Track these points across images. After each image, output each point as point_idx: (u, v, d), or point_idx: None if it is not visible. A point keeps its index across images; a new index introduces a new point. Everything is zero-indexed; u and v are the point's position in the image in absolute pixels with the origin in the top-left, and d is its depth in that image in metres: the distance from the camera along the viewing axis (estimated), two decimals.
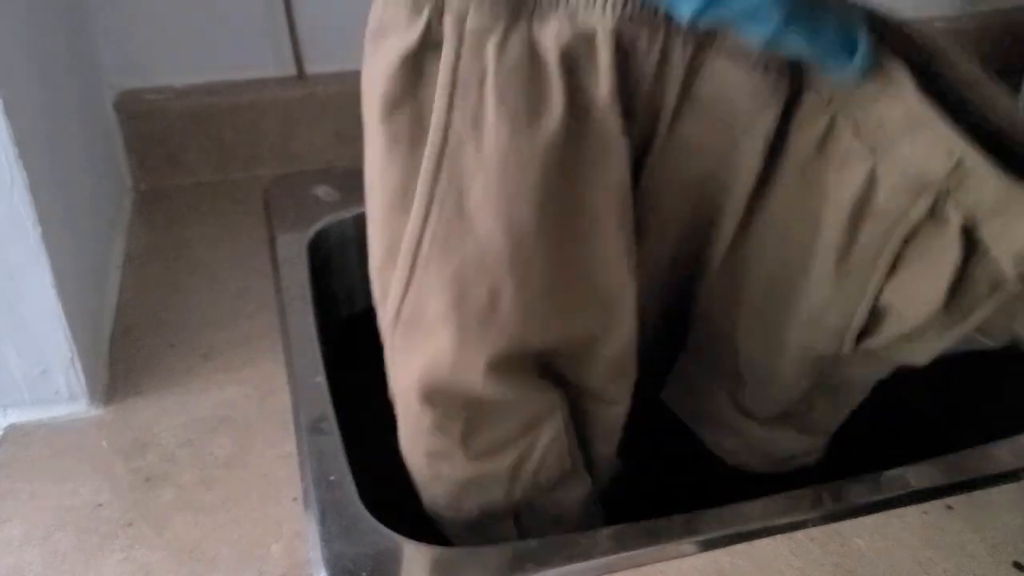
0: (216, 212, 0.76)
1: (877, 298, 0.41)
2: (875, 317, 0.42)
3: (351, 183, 0.79)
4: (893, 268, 0.40)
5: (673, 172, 0.41)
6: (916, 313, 0.41)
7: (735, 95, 0.39)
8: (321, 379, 0.55)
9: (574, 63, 0.36)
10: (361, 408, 0.59)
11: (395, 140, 0.37)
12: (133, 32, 0.77)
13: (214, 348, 0.59)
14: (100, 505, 0.47)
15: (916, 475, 0.48)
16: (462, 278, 0.38)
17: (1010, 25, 0.97)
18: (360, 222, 0.75)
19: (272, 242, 0.70)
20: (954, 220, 0.37)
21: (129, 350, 0.59)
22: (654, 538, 0.44)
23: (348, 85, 0.82)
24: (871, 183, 0.39)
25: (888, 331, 0.42)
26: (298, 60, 0.81)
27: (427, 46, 0.35)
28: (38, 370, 0.52)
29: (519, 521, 0.49)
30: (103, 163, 0.72)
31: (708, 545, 0.43)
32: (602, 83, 0.36)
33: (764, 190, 0.43)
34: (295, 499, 0.47)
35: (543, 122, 0.36)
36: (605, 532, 0.44)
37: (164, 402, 0.54)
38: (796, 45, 0.34)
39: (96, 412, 0.54)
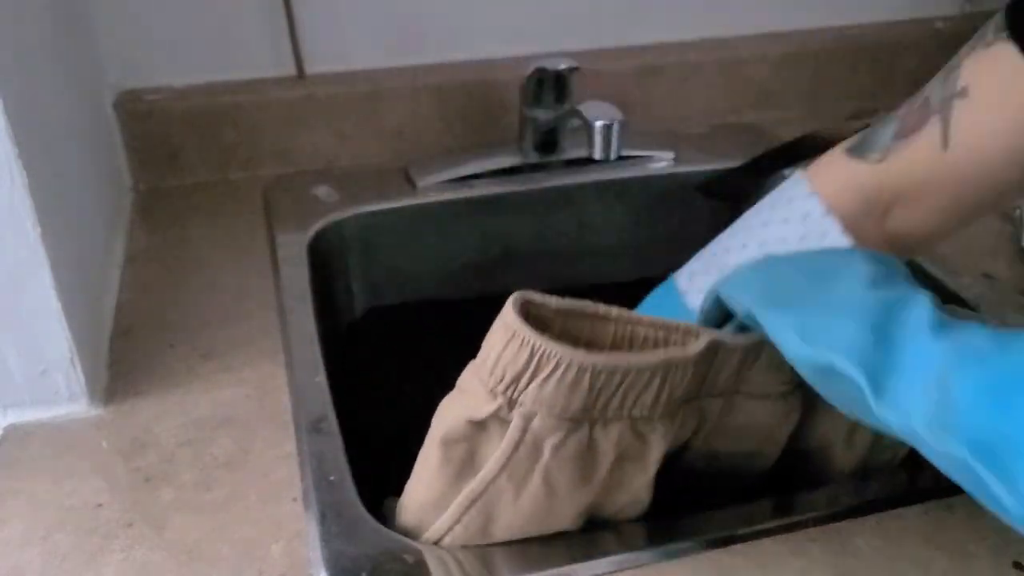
0: (216, 212, 0.76)
1: None
2: None
3: (351, 183, 0.79)
4: None
5: (710, 451, 0.46)
6: None
7: (762, 418, 0.45)
8: (321, 379, 0.54)
9: (626, 456, 0.41)
10: (361, 408, 0.60)
11: (446, 462, 0.41)
12: (133, 32, 0.77)
13: (214, 348, 0.59)
14: (100, 505, 0.47)
15: (917, 475, 0.48)
16: None
17: None
18: (360, 222, 0.76)
19: (272, 242, 0.70)
20: None
21: (129, 350, 0.59)
22: (654, 538, 0.44)
23: (348, 85, 0.82)
24: None
25: None
26: (298, 60, 0.81)
27: (494, 418, 0.40)
28: (38, 370, 0.52)
29: None
30: (103, 163, 0.72)
31: (708, 545, 0.43)
32: (649, 471, 0.42)
33: None
34: (295, 499, 0.47)
35: (582, 490, 0.41)
36: (605, 532, 0.44)
37: (164, 402, 0.54)
38: None
39: (96, 412, 0.54)
